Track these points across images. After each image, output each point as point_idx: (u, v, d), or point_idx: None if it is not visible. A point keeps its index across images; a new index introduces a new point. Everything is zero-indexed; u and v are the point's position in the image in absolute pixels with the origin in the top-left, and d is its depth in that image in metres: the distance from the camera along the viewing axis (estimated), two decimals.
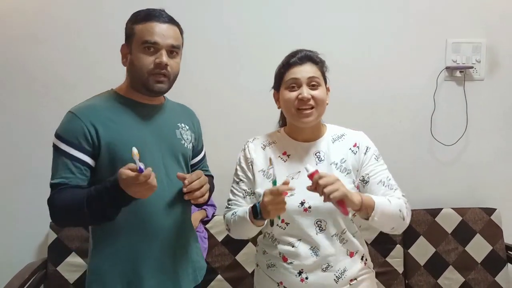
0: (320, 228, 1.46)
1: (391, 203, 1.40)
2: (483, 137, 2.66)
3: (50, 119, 2.48)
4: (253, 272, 2.44)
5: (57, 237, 2.34)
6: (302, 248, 1.47)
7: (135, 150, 1.22)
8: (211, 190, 1.62)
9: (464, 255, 2.50)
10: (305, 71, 1.47)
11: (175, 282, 1.50)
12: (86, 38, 2.41)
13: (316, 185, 1.29)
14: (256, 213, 1.40)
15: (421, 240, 2.50)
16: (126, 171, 1.20)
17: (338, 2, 2.52)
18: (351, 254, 1.49)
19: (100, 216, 1.30)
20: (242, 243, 2.46)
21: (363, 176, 1.49)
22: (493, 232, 2.53)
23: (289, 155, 1.55)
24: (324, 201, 1.29)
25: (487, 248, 2.51)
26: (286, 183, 1.34)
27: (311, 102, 1.45)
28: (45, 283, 2.34)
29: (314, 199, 1.41)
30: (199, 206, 1.64)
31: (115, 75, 1.50)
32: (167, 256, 1.47)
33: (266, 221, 1.48)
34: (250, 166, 1.57)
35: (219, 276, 2.42)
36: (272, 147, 1.59)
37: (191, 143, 1.58)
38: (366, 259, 1.55)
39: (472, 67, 2.59)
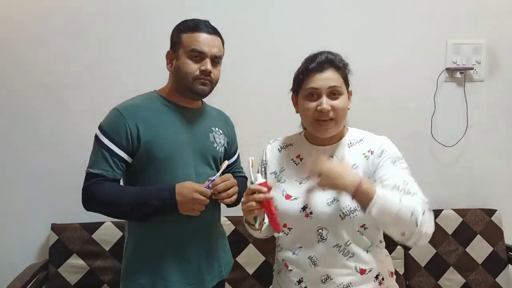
0: (321, 237, 1.39)
1: (401, 203, 1.22)
2: (483, 138, 2.66)
3: (51, 120, 2.51)
4: (253, 273, 2.45)
5: (58, 239, 2.34)
6: (302, 256, 1.43)
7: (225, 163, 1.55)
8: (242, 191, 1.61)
9: (464, 256, 2.50)
10: (326, 79, 1.36)
11: (198, 275, 1.61)
12: (87, 39, 2.42)
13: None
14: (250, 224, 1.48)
15: None
16: (200, 196, 1.44)
17: (337, 3, 2.53)
18: (362, 272, 1.38)
19: (142, 217, 1.50)
20: (243, 245, 2.46)
21: (375, 180, 1.35)
22: (493, 233, 2.52)
23: (302, 158, 1.50)
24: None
25: (487, 249, 2.51)
26: (262, 185, 1.33)
27: (331, 114, 1.37)
28: (46, 285, 2.34)
29: (316, 205, 1.38)
30: (230, 206, 1.68)
31: (115, 76, 1.52)
32: (192, 250, 1.58)
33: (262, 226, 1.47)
34: (263, 168, 1.59)
35: None
36: (287, 149, 1.56)
37: (223, 147, 1.69)
38: (382, 279, 1.42)
39: (472, 68, 2.59)
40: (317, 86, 1.37)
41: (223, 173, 1.57)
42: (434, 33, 2.57)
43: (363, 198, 1.24)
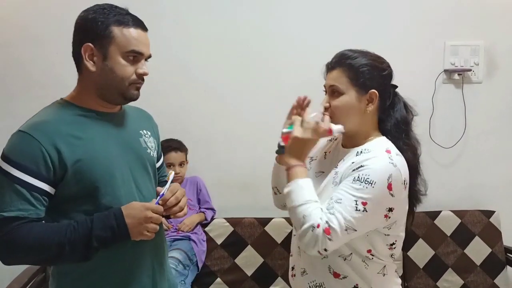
0: None
1: (306, 204, 1.26)
2: (481, 139, 2.66)
3: None
4: (252, 274, 2.45)
5: None
6: (294, 245, 1.49)
7: (171, 173, 1.26)
8: None
9: (463, 257, 2.50)
10: (330, 78, 1.39)
11: None
12: None
13: None
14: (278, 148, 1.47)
15: (420, 242, 2.51)
16: (153, 214, 1.19)
17: (335, 5, 2.53)
18: (335, 275, 1.35)
19: (82, 255, 1.17)
20: (242, 246, 2.46)
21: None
22: (492, 235, 2.53)
23: (326, 153, 1.53)
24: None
25: (486, 250, 2.51)
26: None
27: (329, 112, 1.37)
28: (44, 287, 2.33)
29: None
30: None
31: None
32: (147, 277, 1.34)
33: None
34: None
35: (218, 279, 2.42)
36: (331, 142, 1.56)
37: (155, 151, 1.45)
38: None
39: (470, 70, 2.60)
40: (325, 84, 1.42)
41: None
42: (432, 35, 2.58)
43: (289, 177, 1.32)
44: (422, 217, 2.52)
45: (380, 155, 1.30)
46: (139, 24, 1.27)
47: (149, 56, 1.31)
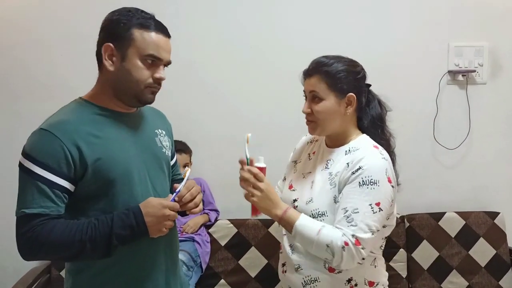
0: None
1: (320, 233, 1.32)
2: (486, 140, 2.65)
3: None
4: (256, 276, 2.45)
5: None
6: (286, 243, 1.53)
7: (186, 170, 1.30)
8: None
9: (467, 259, 2.49)
10: (308, 84, 1.47)
11: None
12: (90, 42, 2.41)
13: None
14: None
15: (425, 244, 2.50)
16: (170, 212, 1.21)
17: (340, 5, 2.53)
18: (330, 270, 1.41)
19: (103, 252, 1.20)
20: (246, 248, 2.46)
21: (339, 194, 1.39)
22: (496, 236, 2.52)
23: (314, 154, 1.59)
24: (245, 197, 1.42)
25: (491, 252, 2.50)
26: (261, 169, 1.39)
27: (311, 117, 1.46)
28: None
29: (302, 202, 1.47)
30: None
31: None
32: (160, 273, 1.36)
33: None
34: (291, 154, 1.68)
35: (222, 281, 2.42)
36: (312, 144, 1.63)
37: (169, 150, 1.48)
38: (355, 285, 1.43)
39: (474, 71, 2.59)
40: (304, 89, 1.49)
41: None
42: (436, 36, 2.57)
43: (286, 226, 1.41)
44: (427, 218, 2.52)
45: (371, 153, 1.40)
46: (162, 30, 1.29)
47: (169, 63, 1.32)
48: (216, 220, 2.50)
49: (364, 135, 1.49)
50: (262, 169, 1.42)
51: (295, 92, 2.50)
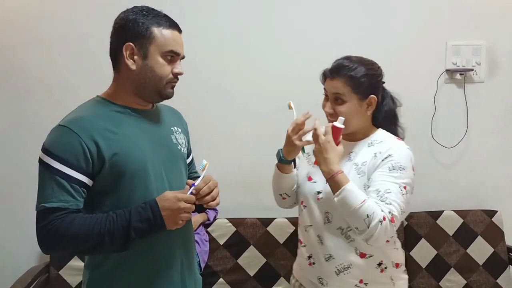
0: (327, 219, 1.55)
1: (364, 203, 1.37)
2: (483, 139, 2.66)
3: (53, 122, 2.49)
4: (255, 275, 2.45)
5: None
6: (312, 234, 1.59)
7: (204, 162, 1.33)
8: None
9: (465, 257, 2.50)
10: (332, 86, 1.52)
11: None
12: (89, 41, 2.43)
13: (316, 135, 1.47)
14: (279, 157, 1.60)
15: (423, 242, 2.51)
16: (186, 205, 1.24)
17: (337, 4, 2.53)
18: (362, 255, 1.51)
19: (121, 245, 1.23)
20: (244, 247, 2.47)
21: (368, 180, 1.50)
22: (494, 234, 2.53)
23: None
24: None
25: (488, 250, 2.50)
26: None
27: (333, 117, 1.52)
28: (47, 287, 2.35)
29: (327, 192, 1.52)
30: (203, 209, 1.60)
31: None
32: (175, 270, 1.40)
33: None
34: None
35: (221, 280, 2.43)
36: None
37: (185, 147, 1.52)
38: (385, 268, 1.54)
39: (472, 70, 2.60)
40: (327, 89, 1.55)
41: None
42: (434, 35, 2.58)
43: (333, 186, 1.43)
44: (424, 217, 2.53)
45: (398, 143, 1.53)
46: (175, 26, 1.35)
47: (183, 57, 1.38)
48: (215, 219, 2.51)
49: (380, 129, 1.60)
50: (337, 129, 1.47)
51: (295, 91, 2.53)
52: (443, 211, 2.55)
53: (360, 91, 1.51)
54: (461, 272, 2.48)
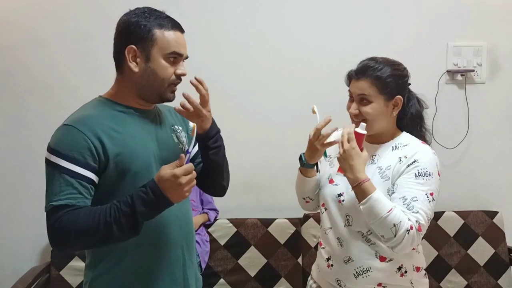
0: (348, 223, 1.53)
1: (391, 212, 1.36)
2: (484, 140, 2.66)
3: (54, 122, 2.48)
4: (255, 275, 2.45)
5: None
6: (331, 236, 1.57)
7: (191, 125, 1.29)
8: (226, 162, 1.58)
9: (466, 258, 2.49)
10: (357, 87, 1.50)
11: None
12: (90, 41, 2.43)
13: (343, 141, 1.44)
14: (302, 161, 1.58)
15: (423, 243, 2.49)
16: (187, 178, 1.20)
17: (338, 5, 2.54)
18: (382, 259, 1.49)
19: (131, 231, 1.21)
20: (245, 247, 2.47)
21: (393, 186, 1.46)
22: (495, 235, 2.53)
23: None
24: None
25: (489, 251, 2.51)
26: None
27: (358, 118, 1.50)
28: (48, 287, 2.35)
29: (349, 195, 1.51)
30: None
31: None
32: (178, 268, 1.40)
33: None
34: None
35: (221, 280, 2.43)
36: None
37: (187, 145, 1.52)
38: (405, 271, 1.52)
39: (473, 71, 2.60)
40: (352, 91, 1.53)
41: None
42: (435, 36, 2.58)
43: (359, 194, 1.40)
44: None
45: (423, 148, 1.49)
46: (177, 26, 1.34)
47: (187, 57, 1.37)
48: (215, 219, 2.51)
49: (404, 132, 1.57)
50: (359, 135, 1.45)
51: (296, 92, 2.53)
52: (444, 212, 2.55)
53: (387, 92, 1.49)
54: (462, 273, 2.48)
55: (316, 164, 1.61)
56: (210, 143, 1.42)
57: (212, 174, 1.51)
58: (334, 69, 1.58)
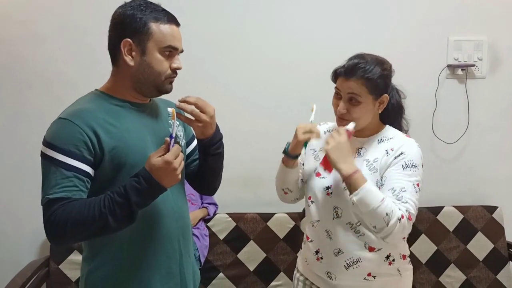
0: (337, 215, 1.54)
1: (383, 202, 1.39)
2: (484, 135, 2.65)
3: (52, 117, 2.49)
4: (254, 269, 2.45)
5: None
6: (320, 229, 1.59)
7: (170, 110, 1.26)
8: (222, 167, 1.57)
9: (465, 253, 2.50)
10: (347, 86, 1.49)
11: (183, 287, 1.44)
12: (89, 36, 2.42)
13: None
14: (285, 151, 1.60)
15: (423, 238, 2.51)
16: (177, 162, 1.20)
17: (340, 1, 2.52)
18: (370, 249, 1.51)
19: (127, 220, 1.21)
20: (244, 242, 2.47)
21: (381, 178, 1.50)
22: (494, 230, 2.53)
23: None
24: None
25: (488, 246, 2.51)
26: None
27: (347, 117, 1.51)
28: (47, 281, 2.35)
29: (337, 188, 1.54)
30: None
31: None
32: (174, 261, 1.40)
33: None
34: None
35: (220, 274, 2.43)
36: (327, 135, 1.64)
37: (183, 139, 1.50)
38: (393, 260, 1.55)
39: (473, 65, 2.59)
40: (340, 89, 1.52)
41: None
42: (436, 30, 2.57)
43: (351, 185, 1.42)
44: (425, 212, 2.52)
45: (409, 141, 1.54)
46: (173, 20, 1.33)
47: (182, 51, 1.36)
48: (214, 214, 2.51)
49: (387, 125, 1.61)
50: (349, 133, 1.48)
51: (295, 87, 2.52)
52: (443, 206, 2.55)
53: (376, 92, 1.50)
54: (461, 267, 2.49)
55: (298, 155, 1.61)
56: (212, 150, 1.43)
57: (208, 177, 1.52)
58: (335, 65, 1.57)
